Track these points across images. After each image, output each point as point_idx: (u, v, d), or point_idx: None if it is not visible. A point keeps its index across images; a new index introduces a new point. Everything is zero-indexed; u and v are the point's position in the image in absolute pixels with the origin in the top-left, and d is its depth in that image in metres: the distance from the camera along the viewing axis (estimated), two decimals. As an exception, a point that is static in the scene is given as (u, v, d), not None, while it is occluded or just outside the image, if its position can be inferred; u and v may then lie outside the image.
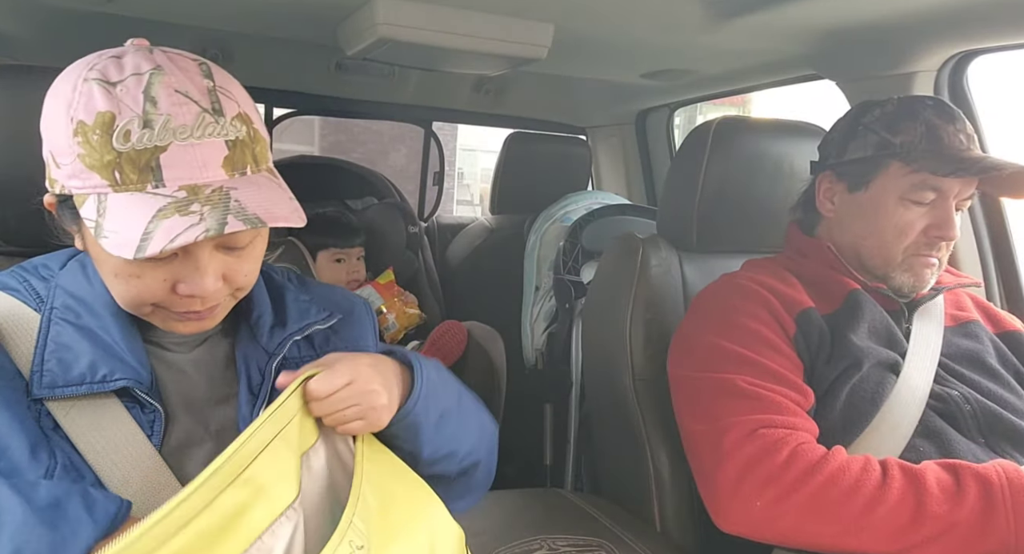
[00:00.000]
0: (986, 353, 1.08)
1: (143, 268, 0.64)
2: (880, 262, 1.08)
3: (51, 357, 0.66)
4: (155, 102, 0.60)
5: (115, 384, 0.66)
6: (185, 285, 0.65)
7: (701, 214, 1.29)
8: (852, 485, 0.86)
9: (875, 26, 1.31)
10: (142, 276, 0.64)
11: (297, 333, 0.77)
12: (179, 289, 0.65)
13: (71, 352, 0.67)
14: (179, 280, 0.65)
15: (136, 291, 0.65)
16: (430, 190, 2.62)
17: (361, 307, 0.89)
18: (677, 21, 1.36)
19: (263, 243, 0.72)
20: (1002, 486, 0.83)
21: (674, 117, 2.34)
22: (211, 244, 0.65)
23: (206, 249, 0.65)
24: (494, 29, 1.32)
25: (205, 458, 0.70)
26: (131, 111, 0.60)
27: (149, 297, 0.66)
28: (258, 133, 0.67)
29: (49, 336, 0.67)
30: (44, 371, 0.66)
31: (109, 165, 0.60)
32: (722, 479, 0.92)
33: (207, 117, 0.62)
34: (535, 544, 1.06)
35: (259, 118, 0.69)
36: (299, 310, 0.79)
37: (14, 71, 0.95)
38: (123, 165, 0.60)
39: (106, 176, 0.60)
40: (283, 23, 1.46)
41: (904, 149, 1.03)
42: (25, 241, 0.96)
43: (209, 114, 0.62)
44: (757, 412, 0.94)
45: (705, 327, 1.08)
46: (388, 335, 1.96)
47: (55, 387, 0.65)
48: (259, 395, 0.73)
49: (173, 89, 0.61)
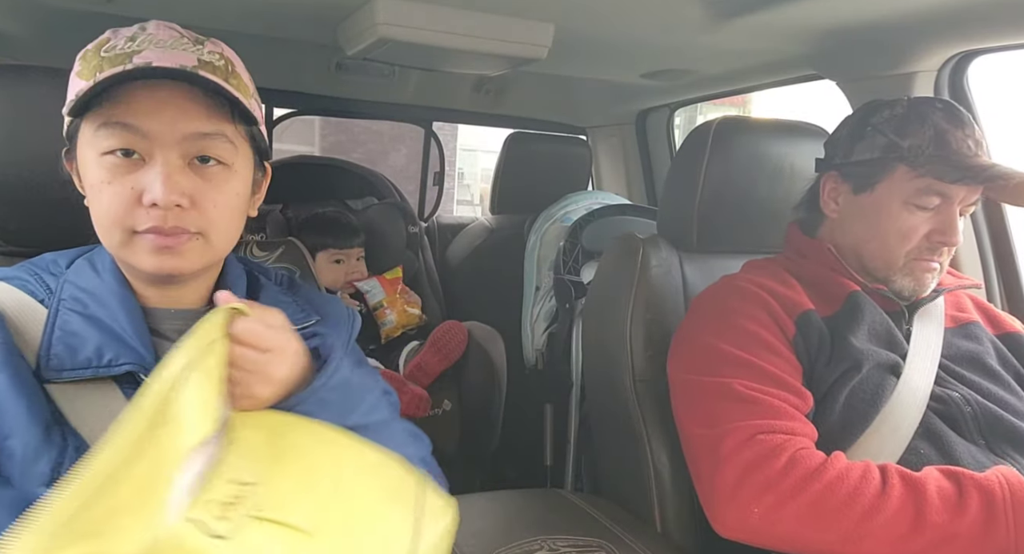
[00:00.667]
0: (986, 354, 1.08)
1: (113, 173, 0.68)
2: (881, 265, 1.08)
3: (58, 343, 0.68)
4: (144, 29, 0.70)
5: (120, 368, 0.68)
6: (148, 193, 0.67)
7: (701, 214, 1.29)
8: (851, 492, 0.85)
9: (875, 26, 1.31)
10: (112, 181, 0.68)
11: None
12: (144, 198, 0.67)
13: (78, 338, 0.69)
14: (143, 188, 0.67)
15: (108, 202, 0.68)
16: (430, 190, 2.62)
17: (343, 315, 0.88)
18: (677, 21, 1.36)
19: (239, 182, 0.74)
20: (1004, 497, 0.82)
21: (674, 117, 2.34)
22: (176, 152, 0.68)
23: (171, 155, 0.68)
24: (494, 29, 1.32)
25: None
26: (123, 35, 0.69)
27: (119, 209, 0.68)
28: (232, 69, 0.72)
29: (57, 324, 0.70)
30: (51, 356, 0.67)
31: (94, 68, 0.67)
32: (720, 484, 0.91)
33: (185, 41, 0.70)
34: (535, 544, 1.06)
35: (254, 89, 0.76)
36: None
37: (14, 71, 0.95)
38: (103, 64, 0.67)
39: (89, 76, 0.67)
40: (283, 23, 1.46)
41: (911, 153, 1.02)
42: (25, 241, 0.96)
43: (189, 41, 0.70)
44: (755, 417, 0.93)
45: (704, 329, 1.08)
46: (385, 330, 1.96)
47: (62, 370, 0.67)
48: None
49: (165, 26, 0.71)
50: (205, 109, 0.70)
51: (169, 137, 0.68)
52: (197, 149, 0.69)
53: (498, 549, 1.05)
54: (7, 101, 0.92)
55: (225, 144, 0.71)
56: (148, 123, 0.67)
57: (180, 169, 0.68)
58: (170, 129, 0.68)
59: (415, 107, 2.38)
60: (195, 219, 0.70)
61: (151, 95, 0.67)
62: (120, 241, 0.70)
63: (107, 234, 0.70)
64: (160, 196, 0.66)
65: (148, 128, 0.67)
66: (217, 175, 0.71)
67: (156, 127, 0.67)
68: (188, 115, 0.69)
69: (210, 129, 0.70)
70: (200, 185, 0.70)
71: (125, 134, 0.67)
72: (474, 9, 1.28)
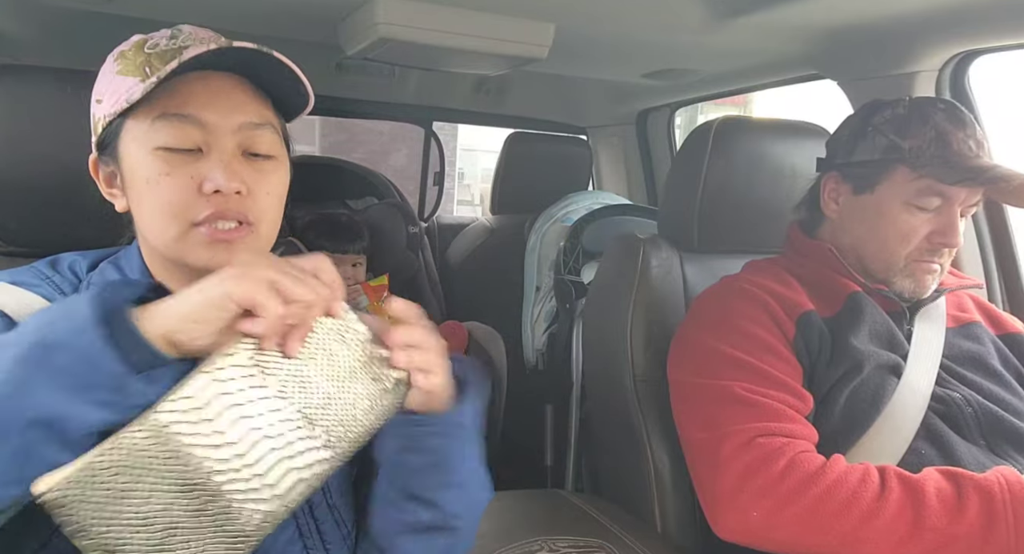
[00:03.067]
0: (988, 355, 1.08)
1: (171, 164, 0.67)
2: (882, 266, 1.08)
3: None
4: (180, 30, 0.71)
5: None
6: (210, 181, 0.67)
7: (702, 214, 1.28)
8: (849, 496, 0.85)
9: (876, 26, 1.31)
10: (171, 173, 0.67)
11: None
12: (204, 187, 0.67)
13: None
14: (204, 176, 0.67)
15: (167, 194, 0.67)
16: (430, 190, 2.62)
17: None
18: (678, 21, 1.36)
19: (283, 172, 0.74)
20: (1004, 499, 0.82)
21: (675, 117, 2.34)
22: (232, 142, 0.69)
23: (228, 145, 0.68)
24: (495, 29, 1.32)
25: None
26: (161, 35, 0.71)
27: (179, 201, 0.67)
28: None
29: None
30: None
31: (141, 65, 0.68)
32: (720, 488, 0.91)
33: (223, 40, 0.72)
34: (536, 545, 1.05)
35: None
36: None
37: (14, 71, 0.95)
38: (152, 61, 0.68)
39: (138, 73, 0.68)
40: (283, 23, 1.46)
41: (912, 154, 1.02)
42: (25, 241, 0.96)
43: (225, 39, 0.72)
44: (755, 420, 0.93)
45: (704, 330, 1.08)
46: None
47: None
48: None
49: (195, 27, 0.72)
50: (254, 100, 0.71)
51: (226, 127, 0.68)
52: (249, 140, 0.70)
53: (499, 550, 1.04)
54: (7, 101, 0.92)
55: (273, 135, 0.72)
56: (206, 114, 0.68)
57: (235, 158, 0.69)
58: (226, 119, 0.68)
59: (415, 107, 2.38)
60: (251, 207, 0.70)
61: (206, 86, 0.67)
62: (177, 233, 0.68)
63: (164, 227, 0.69)
64: (223, 183, 0.67)
65: (206, 119, 0.67)
66: (266, 165, 0.72)
67: (213, 118, 0.68)
68: (241, 106, 0.70)
69: (260, 119, 0.71)
70: (253, 174, 0.70)
71: (184, 125, 0.67)
72: (474, 9, 1.28)
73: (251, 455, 0.54)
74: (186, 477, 0.52)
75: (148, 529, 0.51)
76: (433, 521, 0.71)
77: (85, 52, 0.70)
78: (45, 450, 0.52)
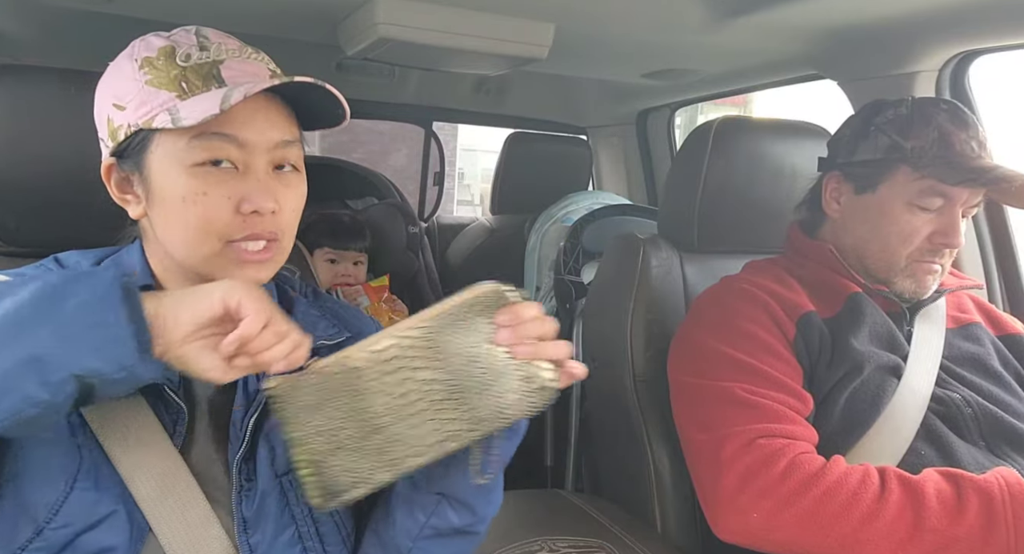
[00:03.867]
0: (988, 356, 1.08)
1: (208, 183, 0.67)
2: (883, 266, 1.08)
3: None
4: (206, 37, 0.70)
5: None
6: (248, 202, 0.67)
7: (702, 214, 1.28)
8: (849, 498, 0.85)
9: (876, 26, 1.31)
10: (208, 192, 0.67)
11: None
12: (242, 207, 0.67)
13: None
14: (242, 197, 0.67)
15: (203, 213, 0.67)
16: (430, 190, 2.62)
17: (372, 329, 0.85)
18: (678, 21, 1.36)
19: (304, 183, 0.75)
20: (1003, 500, 0.82)
21: (675, 117, 2.34)
22: (266, 159, 0.69)
23: (262, 162, 0.69)
24: (495, 29, 1.32)
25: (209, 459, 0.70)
26: (187, 43, 0.69)
27: (216, 220, 0.67)
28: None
29: None
30: None
31: (176, 79, 0.67)
32: (720, 489, 0.91)
33: (249, 49, 0.72)
34: (536, 545, 1.05)
35: None
36: (307, 324, 0.77)
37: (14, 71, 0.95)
38: (188, 76, 0.67)
39: (174, 88, 0.67)
40: (283, 23, 1.46)
41: (914, 154, 1.02)
42: (25, 241, 0.96)
43: (250, 48, 0.73)
44: (755, 421, 0.93)
45: (704, 331, 1.08)
46: None
47: None
48: (252, 403, 0.72)
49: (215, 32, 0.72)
50: (286, 117, 0.71)
51: (263, 145, 0.69)
52: (281, 157, 0.70)
53: (499, 550, 1.04)
54: (7, 101, 0.92)
55: (300, 150, 0.73)
56: (245, 133, 0.67)
57: (268, 175, 0.69)
58: (263, 138, 0.68)
59: (415, 107, 2.38)
60: (280, 223, 0.71)
61: (244, 104, 0.66)
62: (211, 252, 0.68)
63: (197, 245, 0.68)
64: (261, 204, 0.67)
65: (245, 138, 0.67)
66: (292, 180, 0.72)
67: (252, 136, 0.68)
68: (275, 124, 0.70)
69: (291, 136, 0.71)
70: (282, 190, 0.70)
71: (224, 144, 0.67)
72: (474, 9, 1.28)
73: (407, 410, 0.64)
74: (360, 408, 0.64)
75: (329, 437, 0.64)
76: (462, 524, 0.73)
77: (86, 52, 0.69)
78: (25, 383, 0.53)
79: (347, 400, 0.64)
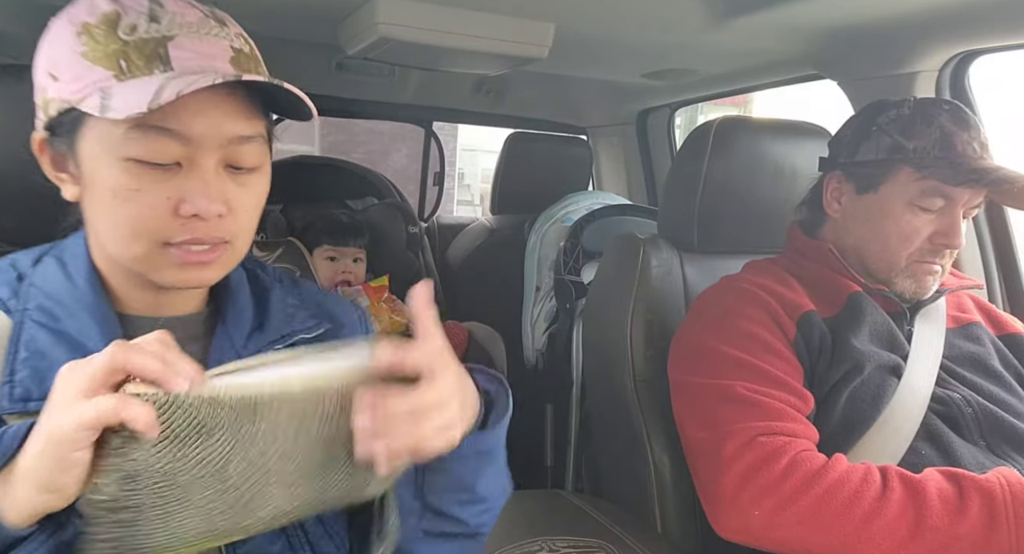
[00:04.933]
0: (988, 355, 1.08)
1: (143, 180, 0.58)
2: (883, 266, 1.08)
3: (23, 366, 0.59)
4: (160, 4, 0.60)
5: None
6: (189, 203, 0.59)
7: (702, 214, 1.28)
8: (851, 496, 0.85)
9: (877, 26, 1.31)
10: (142, 189, 0.58)
11: (278, 341, 0.70)
12: (182, 209, 0.59)
13: (46, 360, 0.60)
14: (182, 198, 0.59)
15: (136, 212, 0.58)
16: (430, 190, 2.62)
17: (354, 320, 0.80)
18: (678, 21, 1.36)
19: (265, 182, 0.66)
20: (1005, 500, 0.82)
21: (675, 117, 2.34)
22: (216, 157, 0.60)
23: (211, 161, 0.60)
24: (495, 29, 1.32)
25: None
26: (136, 10, 0.59)
27: (150, 221, 0.59)
28: (258, 56, 0.66)
29: (21, 341, 0.60)
30: (15, 382, 0.58)
31: (114, 54, 0.58)
32: (721, 487, 0.91)
33: (211, 22, 0.62)
34: (536, 545, 1.05)
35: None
36: (284, 314, 0.72)
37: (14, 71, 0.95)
38: (129, 53, 0.58)
39: (111, 66, 0.58)
40: (283, 23, 1.45)
41: (916, 155, 1.02)
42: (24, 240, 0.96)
43: (213, 20, 0.62)
44: (756, 419, 0.93)
45: (705, 330, 1.08)
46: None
47: (28, 400, 0.58)
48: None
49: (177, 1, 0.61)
50: (246, 109, 0.62)
51: (212, 142, 0.60)
52: (235, 154, 0.62)
53: (499, 550, 1.04)
54: (7, 101, 0.92)
55: (262, 146, 0.64)
56: (193, 126, 0.58)
57: (217, 175, 0.61)
58: (214, 133, 0.60)
59: (415, 107, 2.38)
60: (229, 226, 0.63)
61: (194, 94, 0.56)
62: (143, 253, 0.60)
63: (127, 245, 0.61)
64: (203, 207, 0.59)
65: (192, 132, 0.58)
66: (250, 179, 0.64)
67: (200, 131, 0.59)
68: (231, 117, 0.61)
69: (251, 131, 0.62)
70: (235, 191, 0.62)
71: (165, 139, 0.58)
72: (474, 9, 1.28)
73: (223, 486, 0.52)
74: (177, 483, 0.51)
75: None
76: (457, 530, 0.70)
77: (85, 52, 0.69)
78: None
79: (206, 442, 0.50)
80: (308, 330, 0.72)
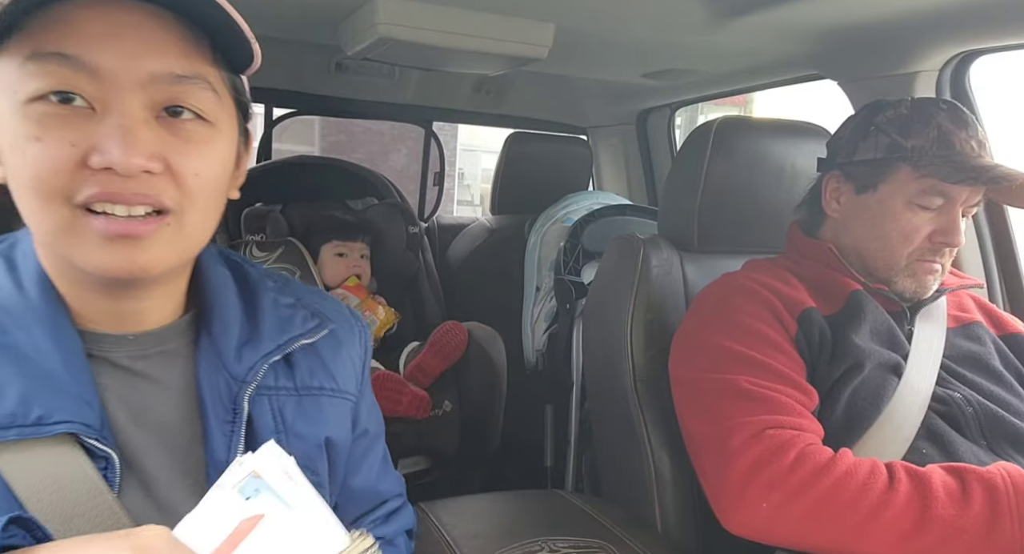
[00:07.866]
0: (988, 355, 1.08)
1: (46, 126, 0.48)
2: (883, 265, 1.08)
3: None
4: None
5: (54, 429, 0.51)
6: (99, 153, 0.48)
7: (702, 214, 1.28)
8: (859, 489, 0.85)
9: (877, 26, 1.31)
10: (44, 138, 0.48)
11: (275, 352, 0.62)
12: (92, 160, 0.48)
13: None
14: (93, 145, 0.48)
15: (36, 164, 0.48)
16: (430, 190, 2.62)
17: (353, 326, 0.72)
18: (678, 21, 1.36)
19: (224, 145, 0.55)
20: (1007, 491, 0.82)
21: (675, 117, 2.34)
22: (140, 99, 0.49)
23: (133, 103, 0.49)
24: (495, 29, 1.32)
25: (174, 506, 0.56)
26: None
27: (53, 176, 0.48)
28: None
29: None
30: None
31: None
32: (728, 480, 0.91)
33: None
34: (536, 546, 1.05)
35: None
36: (279, 319, 0.64)
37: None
38: None
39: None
40: (283, 23, 1.46)
41: (915, 154, 1.02)
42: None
43: None
44: (763, 413, 0.93)
45: (707, 327, 1.08)
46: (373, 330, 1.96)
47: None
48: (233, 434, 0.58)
49: None
50: (180, 42, 0.51)
51: (130, 77, 0.49)
52: (168, 96, 0.51)
53: (499, 550, 1.04)
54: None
55: (207, 92, 0.53)
56: (99, 55, 0.48)
57: (145, 122, 0.50)
58: (131, 66, 0.49)
59: (415, 107, 2.38)
60: (167, 190, 0.51)
61: (102, 16, 0.47)
62: (57, 224, 0.50)
63: (36, 215, 0.50)
64: (118, 157, 0.48)
65: (99, 62, 0.48)
66: (196, 133, 0.53)
67: (110, 61, 0.48)
68: (155, 49, 0.50)
69: (187, 71, 0.51)
70: (174, 144, 0.51)
71: (64, 70, 0.48)
72: (474, 9, 1.28)
73: None
74: None
75: None
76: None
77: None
78: None
79: None
80: (310, 333, 0.66)
